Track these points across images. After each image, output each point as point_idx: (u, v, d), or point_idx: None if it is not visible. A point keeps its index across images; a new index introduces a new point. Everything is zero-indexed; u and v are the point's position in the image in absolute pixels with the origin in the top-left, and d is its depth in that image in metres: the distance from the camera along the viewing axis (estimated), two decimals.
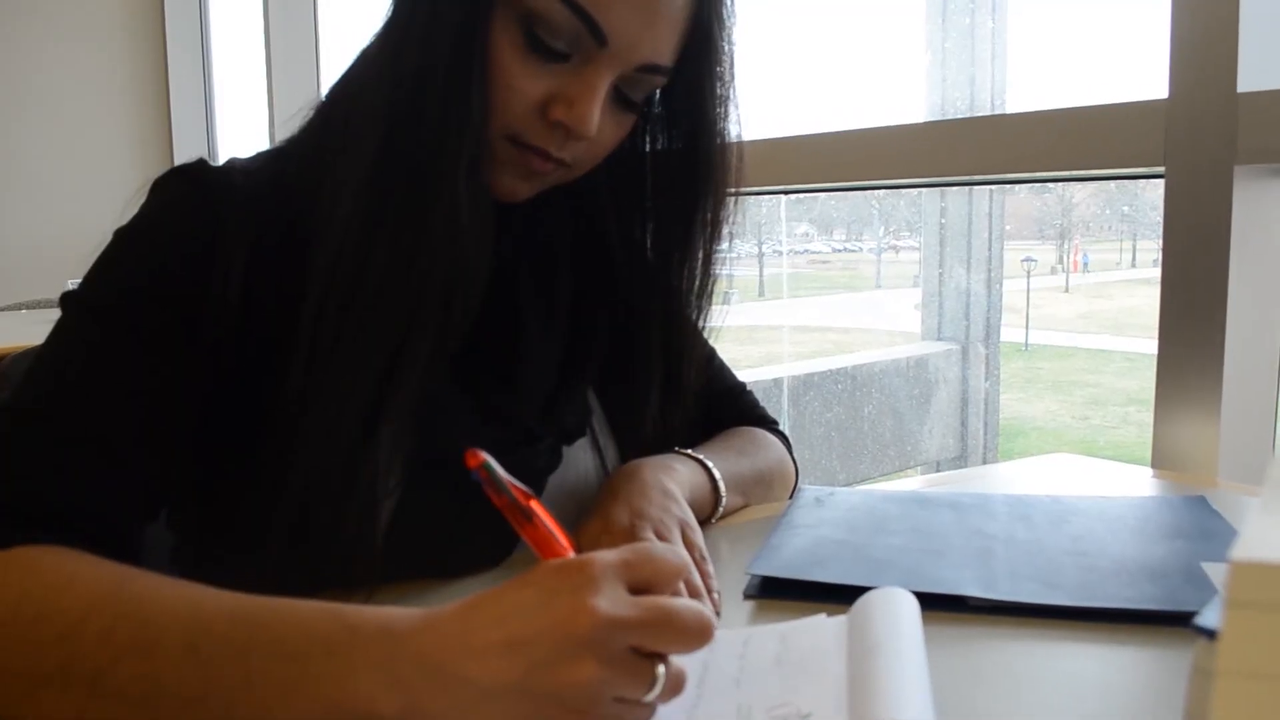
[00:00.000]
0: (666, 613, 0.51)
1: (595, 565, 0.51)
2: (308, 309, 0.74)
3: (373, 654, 0.52)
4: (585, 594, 0.50)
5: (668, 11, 0.74)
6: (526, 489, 0.55)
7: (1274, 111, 1.09)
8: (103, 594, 0.59)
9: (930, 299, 3.35)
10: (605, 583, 0.51)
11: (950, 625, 0.69)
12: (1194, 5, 1.14)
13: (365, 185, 0.74)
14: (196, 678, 0.54)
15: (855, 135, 1.52)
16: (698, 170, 0.84)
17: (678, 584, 0.55)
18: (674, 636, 0.51)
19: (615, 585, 0.51)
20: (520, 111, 0.74)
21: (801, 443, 3.22)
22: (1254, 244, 1.14)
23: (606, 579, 0.51)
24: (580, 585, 0.50)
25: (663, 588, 0.53)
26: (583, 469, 0.89)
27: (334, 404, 0.74)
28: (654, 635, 0.51)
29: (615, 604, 0.50)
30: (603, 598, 0.50)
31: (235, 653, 0.54)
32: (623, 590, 0.51)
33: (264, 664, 0.54)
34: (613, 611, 0.49)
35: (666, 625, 0.51)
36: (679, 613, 0.51)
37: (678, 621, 0.51)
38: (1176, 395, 1.17)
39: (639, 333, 0.89)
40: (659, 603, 0.51)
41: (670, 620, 0.51)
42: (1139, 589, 0.72)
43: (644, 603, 0.51)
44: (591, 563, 0.51)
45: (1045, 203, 4.56)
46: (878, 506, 0.92)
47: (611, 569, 0.51)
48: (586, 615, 0.49)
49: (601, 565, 0.51)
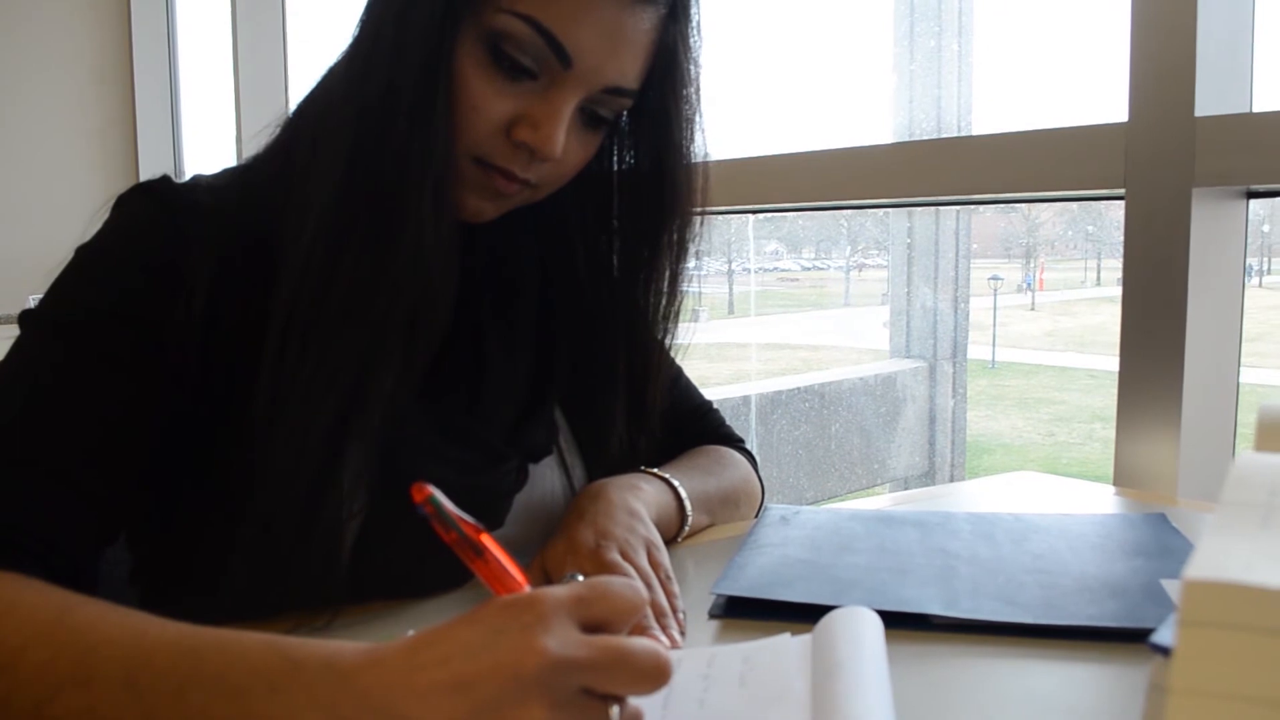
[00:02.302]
0: (620, 653, 0.49)
1: (545, 602, 0.49)
2: (273, 329, 0.74)
3: (316, 692, 0.51)
4: (534, 633, 0.48)
5: (634, 34, 0.75)
6: (476, 522, 0.53)
7: (1231, 135, 1.12)
8: (43, 623, 0.58)
9: (898, 317, 3.38)
10: (555, 621, 0.49)
11: (913, 643, 0.70)
12: (1152, 31, 1.16)
13: (330, 205, 0.74)
14: (135, 712, 0.53)
15: (822, 156, 1.53)
16: (664, 191, 0.84)
17: (635, 620, 0.53)
18: (627, 678, 0.49)
19: (566, 623, 0.49)
20: (486, 132, 0.75)
21: (770, 460, 3.23)
22: (1212, 265, 1.16)
23: (557, 617, 0.49)
24: (529, 624, 0.48)
25: (618, 625, 0.52)
26: (549, 488, 0.89)
27: (299, 424, 0.73)
28: (606, 676, 0.49)
29: (565, 643, 0.48)
30: (552, 637, 0.48)
31: (175, 688, 0.53)
32: (574, 628, 0.49)
33: (204, 700, 0.52)
34: (561, 652, 0.47)
35: (619, 666, 0.49)
36: (633, 653, 0.49)
37: (631, 662, 0.49)
38: (1137, 414, 1.19)
39: (605, 352, 0.89)
40: (612, 643, 0.49)
41: (623, 661, 0.49)
42: (1099, 606, 0.73)
43: (596, 642, 0.49)
44: (542, 600, 0.49)
45: (1011, 222, 4.61)
46: (843, 525, 0.92)
47: (563, 606, 0.49)
48: (534, 655, 0.47)
49: (552, 602, 0.49)
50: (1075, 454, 4.25)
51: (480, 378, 0.84)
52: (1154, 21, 1.15)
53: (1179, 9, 1.13)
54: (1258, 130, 1.11)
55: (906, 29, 3.03)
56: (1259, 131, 1.10)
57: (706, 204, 0.87)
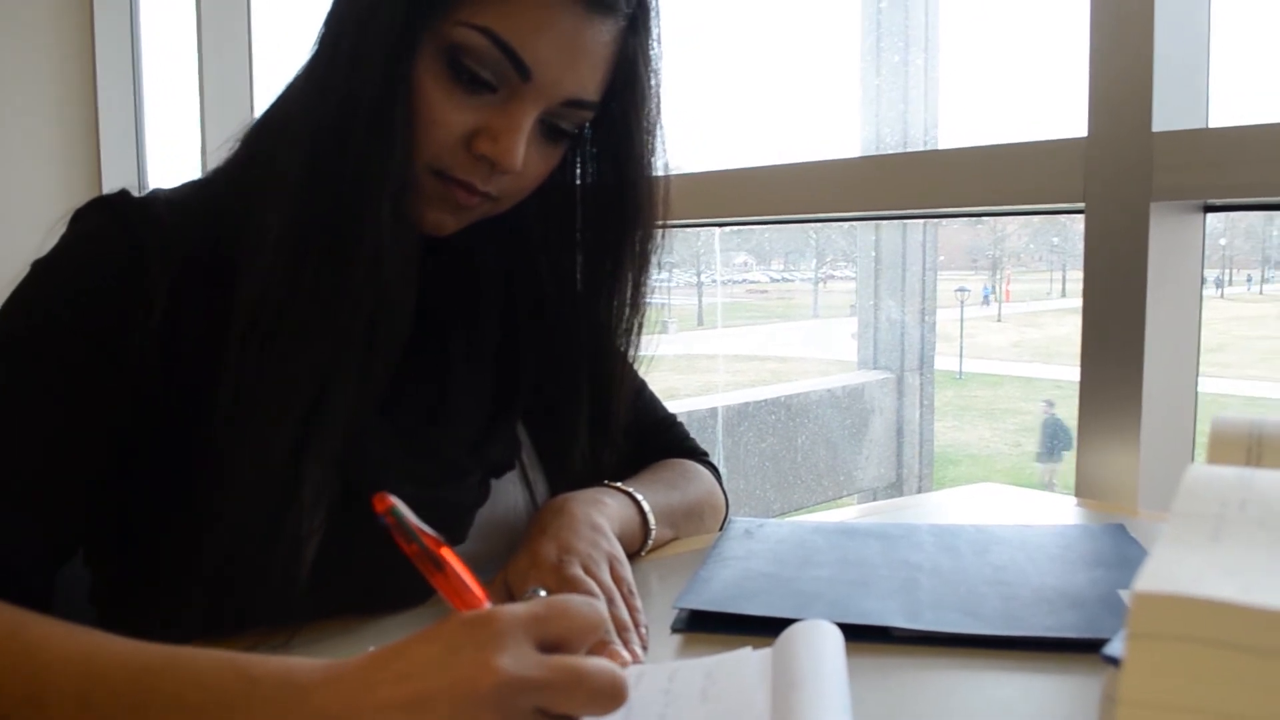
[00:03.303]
0: (575, 673, 0.49)
1: (502, 620, 0.49)
2: (232, 345, 0.73)
3: (272, 710, 0.50)
4: (489, 651, 0.48)
5: (593, 46, 0.75)
6: (437, 535, 0.53)
7: (1187, 150, 1.13)
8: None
9: (865, 329, 3.40)
10: (511, 640, 0.49)
11: (875, 656, 0.70)
12: (1111, 47, 1.17)
13: (289, 220, 0.74)
14: None
15: (783, 170, 1.54)
16: (625, 203, 0.84)
17: (594, 639, 0.53)
18: (583, 698, 0.49)
19: (522, 642, 0.49)
20: (445, 145, 0.74)
21: (737, 473, 3.23)
22: (1170, 277, 1.18)
23: (513, 635, 0.49)
24: (485, 642, 0.48)
25: (576, 644, 0.52)
26: (512, 502, 0.88)
27: (259, 439, 0.73)
28: (561, 696, 0.48)
29: (520, 663, 0.48)
30: (507, 656, 0.48)
31: (129, 707, 0.53)
32: (530, 647, 0.49)
33: (159, 719, 0.52)
34: (516, 671, 0.47)
35: (575, 686, 0.49)
36: (589, 673, 0.49)
37: (588, 682, 0.49)
38: (1098, 425, 1.20)
39: (568, 365, 0.89)
40: (568, 662, 0.49)
41: (579, 681, 0.49)
42: (1058, 617, 0.74)
43: (552, 662, 0.49)
44: (498, 618, 0.49)
45: (978, 234, 4.66)
46: (806, 538, 0.92)
47: (520, 624, 0.49)
48: (489, 674, 0.47)
49: (509, 620, 0.49)
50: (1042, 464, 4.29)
51: (442, 392, 0.83)
52: (1112, 38, 1.17)
53: (1136, 27, 1.15)
54: (1214, 145, 1.12)
55: (873, 43, 3.06)
56: (1215, 147, 1.12)
57: (668, 216, 0.87)
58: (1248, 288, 4.23)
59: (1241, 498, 0.50)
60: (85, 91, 2.77)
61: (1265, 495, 0.50)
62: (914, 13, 3.00)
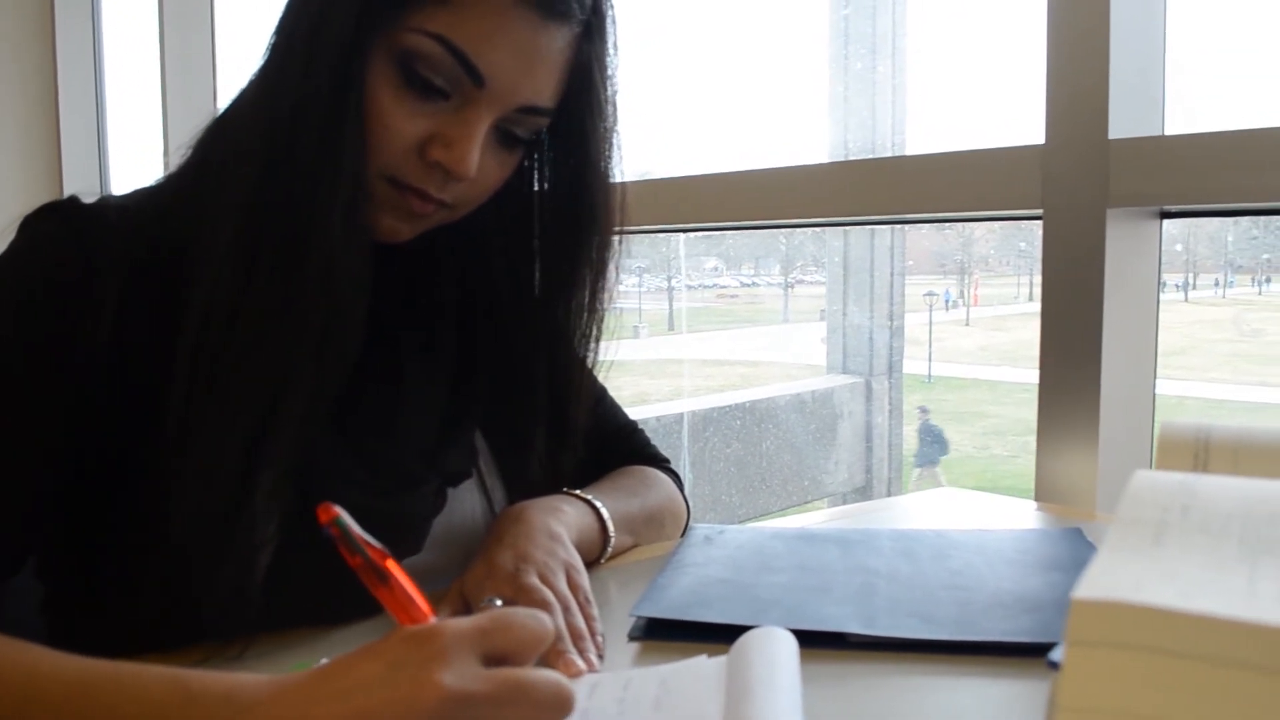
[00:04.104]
0: (520, 686, 0.49)
1: (446, 635, 0.49)
2: (182, 353, 0.72)
3: None
4: (432, 667, 0.48)
5: (547, 53, 0.75)
6: (382, 548, 0.53)
7: (1143, 157, 1.14)
8: None
9: (834, 334, 3.41)
10: (454, 654, 0.48)
11: (831, 662, 0.70)
12: (1067, 56, 1.19)
13: (240, 228, 0.73)
14: None
15: (747, 176, 1.54)
16: (582, 209, 0.84)
17: (540, 651, 0.53)
18: (528, 711, 0.49)
19: (466, 657, 0.49)
20: (398, 152, 0.74)
21: (704, 478, 3.23)
22: (1127, 283, 1.19)
23: (457, 650, 0.49)
24: (429, 657, 0.48)
25: (523, 656, 0.51)
26: (469, 511, 0.88)
27: (210, 450, 0.72)
28: (505, 710, 0.48)
29: (463, 678, 0.48)
30: (450, 671, 0.48)
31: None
32: (474, 662, 0.49)
33: None
34: (459, 686, 0.47)
35: (520, 699, 0.49)
36: (534, 685, 0.49)
37: (532, 695, 0.49)
38: (1057, 429, 1.21)
39: (525, 373, 0.89)
40: (512, 676, 0.49)
41: (524, 694, 0.49)
42: (1013, 621, 0.74)
43: (496, 676, 0.49)
44: (442, 632, 0.49)
45: (946, 239, 4.69)
46: (766, 544, 0.92)
47: (464, 638, 0.49)
48: (431, 690, 0.47)
49: (453, 635, 0.49)
50: (1009, 467, 4.32)
51: (396, 400, 0.83)
52: (1068, 47, 1.18)
53: (1092, 36, 1.16)
54: (1169, 152, 1.14)
55: (840, 50, 3.08)
56: (1170, 154, 1.13)
57: (626, 222, 0.87)
58: (1215, 292, 4.29)
59: (1184, 503, 0.50)
60: (46, 91, 2.73)
61: (1208, 500, 0.50)
62: (881, 21, 3.02)
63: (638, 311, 4.36)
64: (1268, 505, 0.49)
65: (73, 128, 2.74)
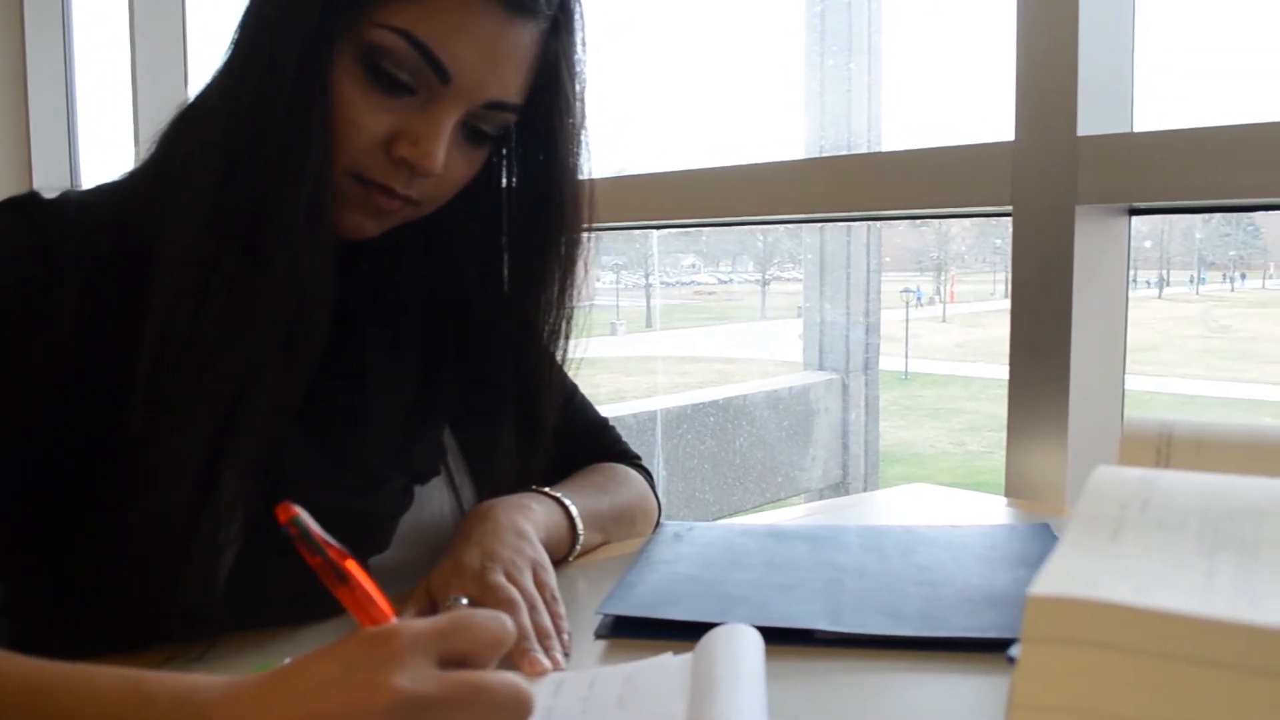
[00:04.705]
0: (476, 689, 0.48)
1: (402, 637, 0.49)
2: (146, 350, 0.72)
3: None
4: (387, 669, 0.47)
5: (514, 49, 0.74)
6: (342, 547, 0.53)
7: (1112, 154, 1.15)
8: None
9: (811, 330, 3.42)
10: (410, 657, 0.48)
11: (797, 659, 0.70)
12: (1036, 53, 1.19)
13: (203, 224, 0.72)
14: None
15: (716, 173, 1.54)
16: (550, 206, 0.84)
17: (500, 653, 0.52)
18: (483, 714, 0.48)
19: (422, 659, 0.48)
20: (363, 148, 0.73)
21: (678, 475, 3.23)
22: (1096, 279, 1.19)
23: (413, 652, 0.48)
24: (384, 659, 0.48)
25: (481, 659, 0.51)
26: (437, 509, 0.87)
27: (173, 448, 0.72)
28: (461, 713, 0.48)
29: (418, 680, 0.47)
30: (404, 674, 0.47)
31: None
32: (430, 664, 0.49)
33: None
34: (413, 689, 0.47)
35: (475, 702, 0.48)
36: (490, 688, 0.48)
37: (488, 698, 0.48)
38: (1026, 425, 1.22)
39: (494, 370, 0.88)
40: (469, 679, 0.49)
41: (480, 696, 0.48)
42: (979, 618, 0.74)
43: (452, 679, 0.48)
44: (399, 634, 0.49)
45: (922, 236, 4.72)
46: (735, 541, 0.92)
47: (421, 640, 0.49)
48: (384, 693, 0.46)
49: (409, 636, 0.49)
50: (985, 462, 4.35)
51: (362, 398, 0.82)
52: (1037, 44, 1.19)
53: (1061, 32, 1.16)
54: (1138, 150, 1.14)
55: (817, 48, 3.08)
56: (1139, 151, 1.14)
57: (595, 219, 0.87)
58: (1190, 288, 4.33)
59: (1144, 499, 0.50)
60: (15, 83, 2.70)
61: (1167, 496, 0.50)
62: (857, 17, 3.03)
63: (615, 309, 4.36)
64: (1226, 500, 0.50)
65: (42, 121, 2.71)
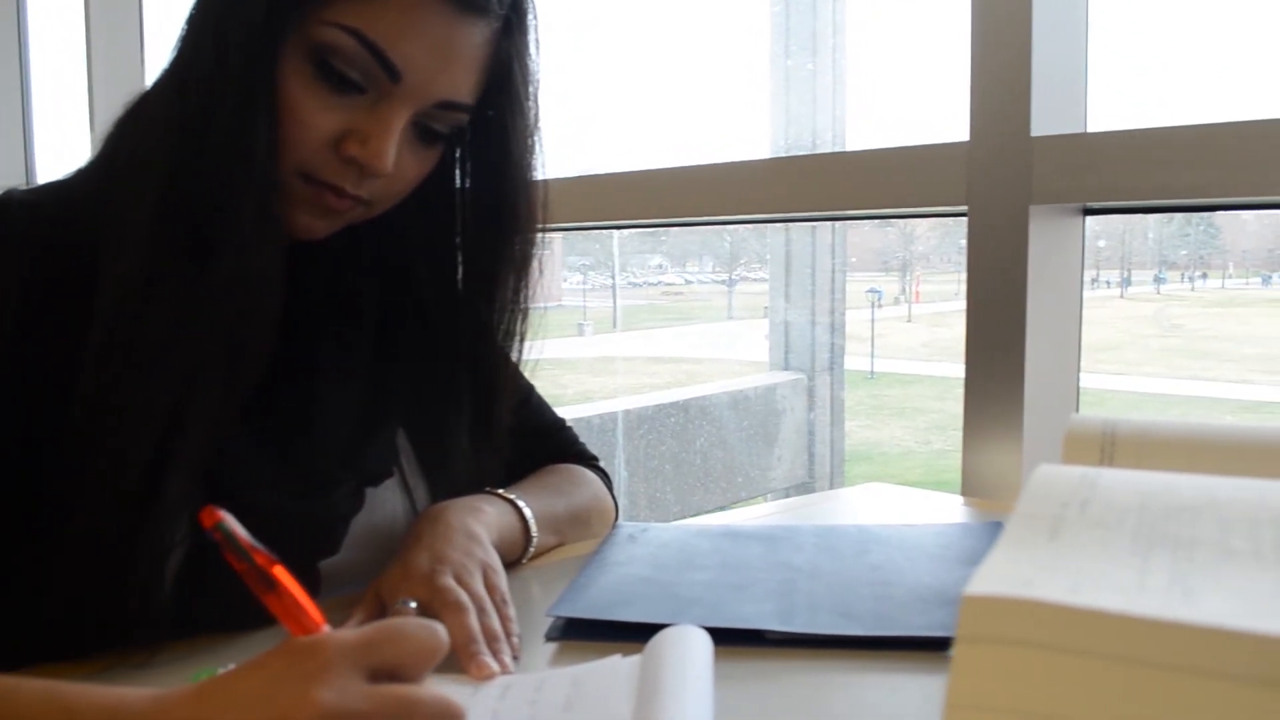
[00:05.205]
0: (404, 703, 0.48)
1: (329, 649, 0.48)
2: (90, 352, 0.71)
3: None
4: (312, 682, 0.47)
5: (465, 47, 0.74)
6: (270, 554, 0.52)
7: (1065, 155, 1.16)
8: None
9: (777, 330, 3.43)
10: (337, 669, 0.47)
11: (748, 660, 0.70)
12: (990, 54, 1.20)
13: (149, 225, 0.72)
14: None
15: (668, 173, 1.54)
16: (503, 207, 0.83)
17: (431, 665, 0.51)
18: None
19: (348, 672, 0.48)
20: (312, 147, 0.73)
21: (640, 476, 3.23)
22: (1050, 279, 1.20)
23: (340, 664, 0.48)
24: (310, 672, 0.47)
25: (412, 671, 0.50)
26: (390, 511, 0.86)
27: (116, 453, 0.71)
28: None
29: (343, 694, 0.47)
30: (329, 687, 0.47)
31: None
32: (357, 677, 0.48)
33: None
34: (337, 703, 0.46)
35: (403, 717, 0.48)
36: (419, 703, 0.48)
37: (416, 713, 0.48)
38: (983, 424, 1.22)
39: (448, 371, 0.88)
40: (396, 692, 0.48)
41: (407, 711, 0.48)
42: (930, 616, 0.74)
43: (379, 693, 0.48)
44: (326, 646, 0.48)
45: (888, 236, 4.74)
46: (690, 542, 0.92)
47: (349, 652, 0.48)
48: (308, 708, 0.46)
49: (336, 648, 0.48)
50: (950, 461, 4.37)
51: (311, 400, 0.81)
52: (991, 45, 1.19)
53: (1015, 33, 1.17)
54: (1091, 150, 1.15)
55: (782, 47, 3.09)
56: (1092, 151, 1.15)
57: (549, 220, 0.86)
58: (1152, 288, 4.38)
59: (1084, 497, 0.51)
60: None
61: (1107, 494, 0.51)
62: (821, 19, 3.04)
63: (582, 309, 4.35)
64: (1164, 499, 0.50)
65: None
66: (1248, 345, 4.24)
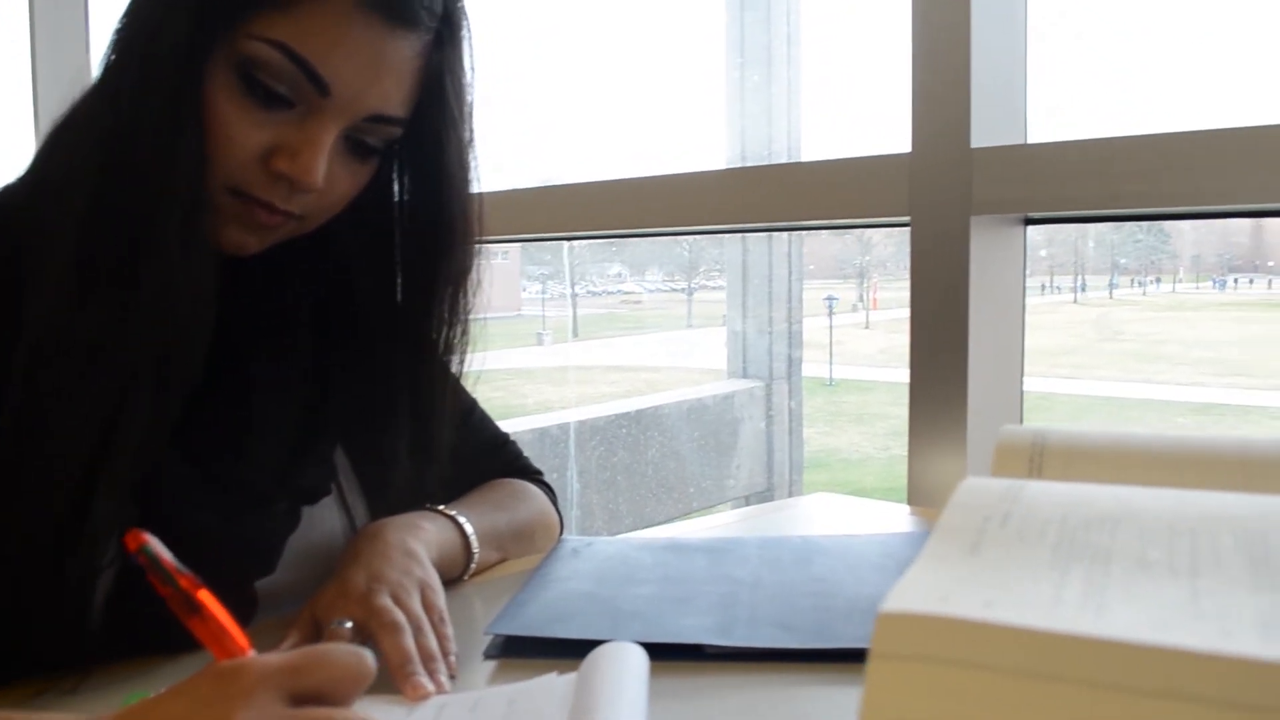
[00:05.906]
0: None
1: (253, 673, 0.48)
2: (15, 372, 0.69)
3: None
4: (234, 706, 0.47)
5: (395, 61, 0.73)
6: (195, 577, 0.51)
7: (1005, 166, 1.17)
8: None
9: (735, 338, 3.44)
10: (259, 694, 0.47)
11: (686, 675, 0.70)
12: (930, 66, 1.21)
13: (75, 243, 0.71)
14: None
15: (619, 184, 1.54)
16: (440, 220, 0.83)
17: (357, 691, 0.51)
18: None
19: (270, 696, 0.48)
20: (240, 162, 0.72)
21: (591, 487, 3.22)
22: (992, 288, 1.22)
23: (262, 689, 0.48)
24: (231, 696, 0.47)
25: (336, 696, 0.50)
26: (329, 529, 0.85)
27: (44, 474, 0.69)
28: None
29: (264, 717, 0.47)
30: (252, 711, 0.46)
31: None
32: (279, 701, 0.48)
33: None
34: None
35: None
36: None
37: None
38: (927, 433, 1.23)
39: (385, 387, 0.87)
40: (317, 715, 0.48)
41: None
42: (869, 627, 0.74)
43: (299, 716, 0.48)
44: (249, 670, 0.48)
45: (846, 244, 4.77)
46: (633, 555, 0.92)
47: (272, 677, 0.48)
48: None
49: (259, 673, 0.48)
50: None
51: (245, 417, 0.80)
52: (931, 57, 1.20)
53: (954, 45, 1.18)
54: (1031, 161, 1.16)
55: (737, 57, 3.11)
56: (1032, 162, 1.16)
57: (484, 233, 0.86)
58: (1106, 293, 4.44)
59: (1006, 510, 0.51)
60: None
61: (1029, 507, 0.51)
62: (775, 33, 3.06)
63: (541, 319, 4.35)
64: (1085, 510, 0.50)
65: None
66: (1197, 349, 4.31)
